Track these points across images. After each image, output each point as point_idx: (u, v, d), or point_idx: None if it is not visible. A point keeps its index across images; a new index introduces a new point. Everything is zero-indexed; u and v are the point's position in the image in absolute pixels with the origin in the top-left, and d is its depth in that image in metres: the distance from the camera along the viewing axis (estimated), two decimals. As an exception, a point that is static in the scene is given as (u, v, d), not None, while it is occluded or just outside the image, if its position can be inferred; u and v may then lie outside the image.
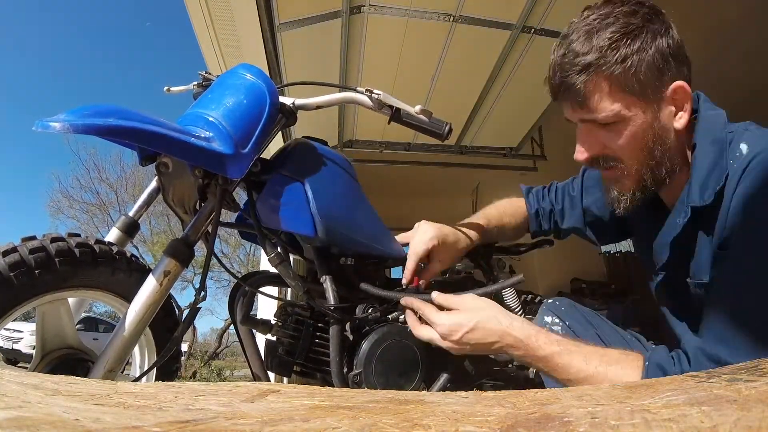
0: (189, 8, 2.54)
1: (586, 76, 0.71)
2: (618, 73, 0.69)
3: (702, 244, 0.73)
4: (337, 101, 1.09)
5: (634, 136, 0.73)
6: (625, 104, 0.71)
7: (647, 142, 0.73)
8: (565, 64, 0.73)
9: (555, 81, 0.76)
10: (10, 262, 0.87)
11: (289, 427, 0.32)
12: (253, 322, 1.05)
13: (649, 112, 0.72)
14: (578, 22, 0.74)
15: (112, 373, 0.85)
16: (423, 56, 3.02)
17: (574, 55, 0.72)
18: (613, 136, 0.74)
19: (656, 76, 0.70)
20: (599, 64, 0.70)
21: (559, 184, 1.19)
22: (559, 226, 1.17)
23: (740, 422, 0.27)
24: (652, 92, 0.71)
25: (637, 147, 0.74)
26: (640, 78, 0.70)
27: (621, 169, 0.77)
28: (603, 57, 0.69)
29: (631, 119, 0.72)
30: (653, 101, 0.72)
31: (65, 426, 0.29)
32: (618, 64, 0.69)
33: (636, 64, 0.69)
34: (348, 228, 1.02)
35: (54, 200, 15.30)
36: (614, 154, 0.76)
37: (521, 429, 0.30)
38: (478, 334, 0.80)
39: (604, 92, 0.71)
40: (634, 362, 0.71)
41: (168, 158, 0.93)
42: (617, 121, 0.72)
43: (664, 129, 0.73)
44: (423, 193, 5.58)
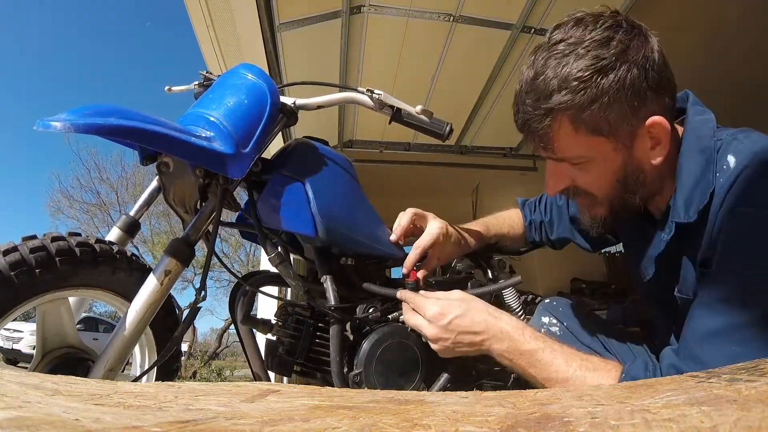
0: (189, 8, 2.54)
1: (550, 120, 0.66)
2: (585, 116, 0.64)
3: (687, 260, 0.73)
4: (338, 101, 1.09)
5: (604, 174, 0.70)
6: (593, 145, 0.67)
7: (618, 176, 0.70)
8: (527, 105, 0.68)
9: (518, 120, 0.72)
10: (11, 261, 0.87)
11: (289, 427, 0.32)
12: (253, 321, 1.05)
13: (620, 150, 0.67)
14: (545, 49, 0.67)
15: (113, 372, 0.85)
16: (423, 56, 3.02)
17: (537, 95, 0.66)
18: (582, 173, 0.71)
19: (630, 113, 0.65)
20: (566, 106, 0.64)
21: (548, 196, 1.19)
22: (550, 237, 1.18)
23: (740, 422, 0.27)
24: (624, 131, 0.66)
25: (607, 183, 0.71)
26: (610, 120, 0.64)
27: (591, 199, 0.75)
28: (569, 99, 0.63)
29: (599, 158, 0.68)
30: (626, 139, 0.67)
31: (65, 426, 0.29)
32: (585, 108, 0.63)
33: (606, 107, 0.63)
34: (348, 228, 1.02)
35: (54, 200, 15.32)
36: (584, 188, 0.74)
37: (521, 429, 0.30)
38: (465, 321, 0.81)
39: (570, 135, 0.66)
40: (612, 372, 0.72)
41: (169, 158, 0.94)
42: (585, 161, 0.69)
43: (639, 164, 0.69)
44: (423, 193, 5.58)
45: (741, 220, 0.62)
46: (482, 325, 0.80)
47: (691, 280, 0.72)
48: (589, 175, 0.70)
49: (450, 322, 0.81)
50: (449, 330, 0.81)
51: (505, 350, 0.78)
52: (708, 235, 0.65)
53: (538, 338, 0.77)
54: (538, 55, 0.68)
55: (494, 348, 0.79)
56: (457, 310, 0.82)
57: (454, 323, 0.81)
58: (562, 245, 1.20)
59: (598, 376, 0.71)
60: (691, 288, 0.72)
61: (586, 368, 0.72)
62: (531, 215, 1.21)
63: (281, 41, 2.66)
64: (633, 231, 0.89)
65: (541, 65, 0.66)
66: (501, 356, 0.79)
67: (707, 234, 0.66)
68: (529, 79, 0.67)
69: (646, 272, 0.82)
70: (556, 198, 1.15)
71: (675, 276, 0.76)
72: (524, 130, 0.72)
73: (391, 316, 1.04)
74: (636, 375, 0.70)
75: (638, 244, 0.85)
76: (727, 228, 0.63)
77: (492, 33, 2.82)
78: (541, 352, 0.75)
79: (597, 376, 0.71)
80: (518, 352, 0.77)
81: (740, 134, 0.68)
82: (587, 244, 1.10)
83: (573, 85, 0.62)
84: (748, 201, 0.62)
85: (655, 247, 0.77)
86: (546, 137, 0.68)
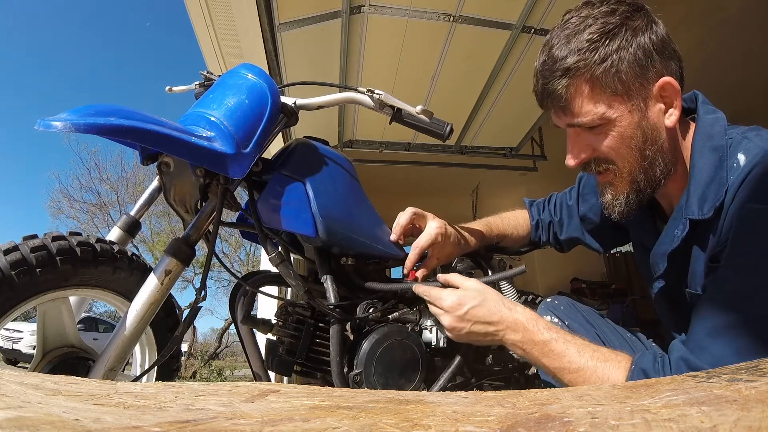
0: (189, 8, 2.54)
1: (566, 80, 0.70)
2: (598, 75, 0.68)
3: (697, 255, 0.74)
4: (339, 101, 1.09)
5: (622, 137, 0.71)
6: (609, 105, 0.70)
7: (637, 141, 0.72)
8: (545, 70, 0.73)
9: (538, 88, 0.76)
10: (12, 260, 0.87)
11: (289, 427, 0.32)
12: (253, 321, 1.05)
13: (635, 112, 0.70)
14: (558, 27, 0.74)
15: (113, 372, 0.85)
16: (423, 56, 3.02)
17: (554, 60, 0.71)
18: (601, 138, 0.73)
19: (639, 73, 0.69)
20: (578, 67, 0.69)
21: (558, 195, 1.19)
22: (558, 237, 1.17)
23: (740, 422, 0.27)
24: (637, 91, 0.70)
25: (626, 148, 0.72)
26: (622, 77, 0.68)
27: (613, 172, 0.75)
28: (582, 59, 0.69)
29: (617, 120, 0.70)
30: (639, 100, 0.70)
31: (65, 426, 0.29)
32: (597, 65, 0.68)
33: (617, 64, 0.68)
34: (348, 228, 1.02)
35: (54, 200, 15.30)
36: (604, 156, 0.74)
37: (521, 429, 0.30)
38: (482, 311, 0.82)
39: (586, 95, 0.70)
40: (622, 363, 0.73)
41: (169, 158, 0.94)
42: (603, 124, 0.71)
43: (654, 127, 0.72)
44: (423, 193, 5.58)
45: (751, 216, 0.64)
46: (497, 315, 0.82)
47: (700, 274, 0.73)
48: (608, 140, 0.72)
49: (467, 312, 0.83)
50: (465, 320, 0.83)
51: (519, 341, 0.80)
52: (718, 231, 0.67)
53: (551, 329, 0.79)
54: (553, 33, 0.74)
55: (508, 338, 0.81)
56: (473, 300, 0.84)
57: (470, 313, 0.83)
58: (570, 247, 1.19)
59: (609, 367, 0.72)
60: (700, 283, 0.73)
61: (597, 359, 0.73)
62: (539, 215, 1.20)
63: (281, 41, 2.66)
64: (644, 227, 0.89)
65: (556, 37, 0.72)
66: (514, 346, 0.81)
67: (717, 230, 0.67)
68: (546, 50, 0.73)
69: (657, 268, 0.82)
70: (566, 198, 1.15)
71: (685, 272, 0.77)
72: (544, 97, 0.75)
73: (391, 316, 1.04)
74: (645, 367, 0.71)
75: (649, 240, 0.85)
76: (736, 224, 0.65)
77: (492, 33, 2.82)
78: (554, 342, 0.77)
79: (608, 367, 0.72)
80: (532, 343, 0.78)
81: (750, 132, 0.69)
82: (597, 244, 1.10)
83: (585, 46, 0.68)
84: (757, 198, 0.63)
85: (667, 242, 0.78)
86: (563, 99, 0.71)
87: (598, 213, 1.05)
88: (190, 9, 2.55)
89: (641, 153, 0.72)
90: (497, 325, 0.81)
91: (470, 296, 0.85)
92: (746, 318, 0.64)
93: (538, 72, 0.75)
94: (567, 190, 1.16)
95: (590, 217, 1.07)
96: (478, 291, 0.86)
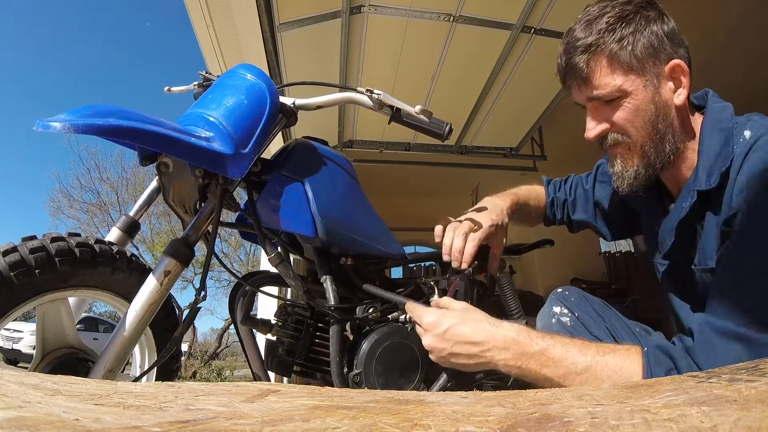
0: (189, 8, 2.54)
1: (587, 55, 0.78)
2: (616, 51, 0.76)
3: (708, 227, 0.74)
4: (338, 101, 1.09)
5: (637, 109, 0.77)
6: (625, 79, 0.77)
7: (650, 115, 0.77)
8: (569, 48, 0.81)
9: (561, 64, 0.83)
10: (11, 261, 0.87)
11: (289, 427, 0.32)
12: (253, 321, 1.05)
13: (649, 87, 0.77)
14: (580, 16, 0.83)
15: (113, 372, 0.85)
16: (423, 56, 3.02)
17: (576, 40, 0.80)
18: (618, 111, 0.79)
19: (652, 53, 0.77)
20: (598, 44, 0.77)
21: (575, 177, 1.19)
22: (571, 217, 1.17)
23: (740, 422, 0.27)
24: (650, 68, 0.77)
25: (640, 120, 0.78)
26: (637, 54, 0.76)
27: (627, 144, 0.80)
28: (601, 38, 0.77)
29: (632, 93, 0.77)
30: (652, 77, 0.77)
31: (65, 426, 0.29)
32: (615, 43, 0.76)
33: (632, 43, 0.76)
34: (348, 228, 1.02)
35: (54, 200, 15.28)
36: (620, 128, 0.80)
37: (521, 429, 0.30)
38: (464, 330, 0.78)
39: (605, 68, 0.77)
40: (631, 350, 0.70)
41: (168, 158, 0.94)
42: (620, 96, 0.78)
43: (665, 104, 0.78)
44: (423, 193, 5.58)
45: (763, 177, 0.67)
46: (482, 335, 0.76)
47: (710, 248, 0.73)
48: (624, 112, 0.78)
49: (446, 330, 0.79)
50: (446, 339, 0.78)
51: (511, 358, 0.74)
52: (729, 195, 0.70)
53: (545, 337, 0.75)
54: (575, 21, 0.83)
55: (498, 359, 0.75)
56: (453, 319, 0.80)
57: (450, 332, 0.78)
58: (579, 229, 1.19)
59: (619, 357, 0.69)
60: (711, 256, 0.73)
61: (603, 352, 0.70)
62: (555, 193, 1.20)
63: (281, 41, 2.66)
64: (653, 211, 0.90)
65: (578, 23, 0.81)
66: (507, 366, 0.74)
67: (727, 194, 0.70)
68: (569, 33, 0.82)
69: (665, 244, 0.83)
70: (582, 181, 1.15)
71: (692, 250, 0.77)
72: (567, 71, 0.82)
73: (391, 316, 1.04)
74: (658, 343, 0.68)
75: (658, 219, 0.87)
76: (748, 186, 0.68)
77: (492, 33, 2.82)
78: (551, 349, 0.72)
79: (617, 357, 0.69)
80: (527, 356, 0.73)
81: (755, 116, 0.76)
82: (607, 230, 1.10)
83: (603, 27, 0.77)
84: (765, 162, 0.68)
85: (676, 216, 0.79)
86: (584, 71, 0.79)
87: (611, 201, 1.05)
88: (190, 9, 2.54)
89: (653, 126, 0.78)
90: (482, 345, 0.76)
91: (450, 314, 0.81)
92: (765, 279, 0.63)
93: (561, 52, 0.83)
94: (584, 174, 1.16)
95: (604, 203, 1.07)
96: (461, 310, 0.82)
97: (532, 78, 3.20)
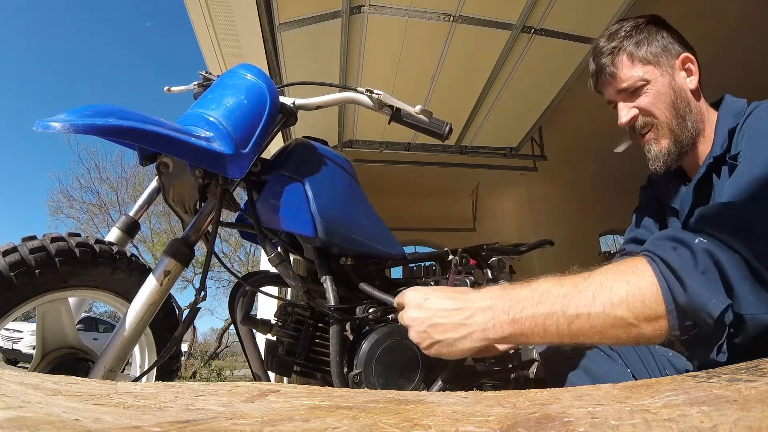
0: (189, 8, 2.54)
1: (611, 56, 0.94)
2: (634, 50, 0.92)
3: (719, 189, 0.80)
4: (338, 101, 1.09)
5: (659, 93, 0.91)
6: (645, 70, 0.91)
7: (670, 97, 0.90)
8: (596, 54, 0.97)
9: (592, 69, 0.99)
10: (11, 261, 0.87)
11: (289, 427, 0.32)
12: (253, 321, 1.05)
13: (666, 75, 0.91)
14: (604, 32, 0.99)
15: (113, 372, 0.85)
16: (423, 56, 3.02)
17: (602, 47, 0.96)
18: (643, 98, 0.92)
19: (664, 50, 0.92)
20: (619, 47, 0.93)
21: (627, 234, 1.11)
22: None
23: (740, 422, 0.27)
24: (665, 61, 0.92)
25: (663, 102, 0.91)
26: (652, 50, 0.92)
27: (655, 126, 0.91)
28: (621, 42, 0.93)
29: (652, 81, 0.91)
30: (667, 67, 0.92)
31: (65, 426, 0.29)
32: (633, 45, 0.92)
33: (647, 44, 0.92)
34: (348, 228, 1.02)
35: (54, 200, 15.27)
36: (647, 111, 0.92)
37: (521, 429, 0.30)
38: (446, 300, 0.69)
39: (627, 64, 0.93)
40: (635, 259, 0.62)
41: (168, 158, 0.94)
42: (642, 85, 0.91)
43: (681, 89, 0.92)
44: (423, 193, 5.58)
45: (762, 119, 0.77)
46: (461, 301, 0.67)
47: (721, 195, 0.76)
48: (648, 98, 0.91)
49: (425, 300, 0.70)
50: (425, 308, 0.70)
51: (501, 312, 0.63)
52: (736, 140, 0.79)
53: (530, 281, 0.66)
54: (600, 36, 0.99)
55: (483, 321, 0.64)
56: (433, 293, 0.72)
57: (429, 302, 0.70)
58: None
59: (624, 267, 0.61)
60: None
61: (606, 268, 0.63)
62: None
63: (281, 41, 2.66)
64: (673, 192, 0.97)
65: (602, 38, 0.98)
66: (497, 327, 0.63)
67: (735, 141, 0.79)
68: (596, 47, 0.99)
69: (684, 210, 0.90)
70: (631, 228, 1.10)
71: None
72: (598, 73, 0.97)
73: (391, 316, 1.04)
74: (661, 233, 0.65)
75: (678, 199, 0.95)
76: (749, 125, 0.77)
77: (492, 33, 2.82)
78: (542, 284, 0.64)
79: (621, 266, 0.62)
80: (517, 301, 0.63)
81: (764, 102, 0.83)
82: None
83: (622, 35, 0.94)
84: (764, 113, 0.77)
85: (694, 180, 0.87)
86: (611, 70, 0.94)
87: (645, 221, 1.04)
88: (190, 9, 2.55)
89: (675, 107, 0.90)
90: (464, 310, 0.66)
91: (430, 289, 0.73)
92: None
93: (590, 60, 1.00)
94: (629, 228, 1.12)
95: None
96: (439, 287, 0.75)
97: (532, 78, 3.20)
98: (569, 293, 0.61)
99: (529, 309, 0.62)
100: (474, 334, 0.65)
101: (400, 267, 1.12)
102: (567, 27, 2.78)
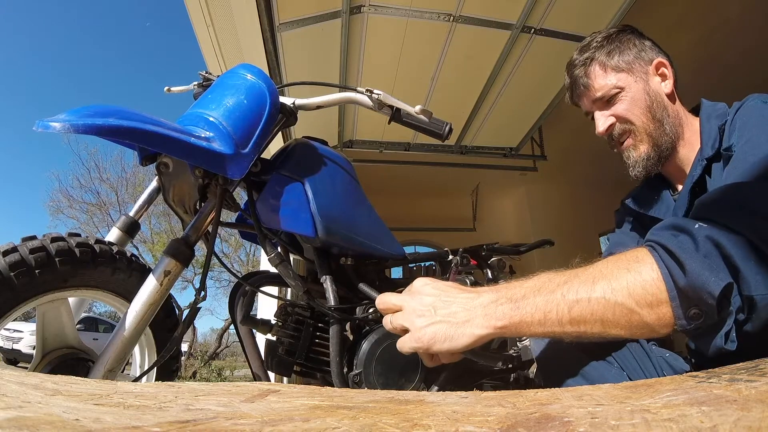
0: (189, 8, 2.54)
1: (585, 68, 0.95)
2: (606, 60, 0.93)
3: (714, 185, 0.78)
4: (338, 101, 1.09)
5: (634, 100, 0.91)
6: (618, 78, 0.92)
7: (645, 103, 0.90)
8: (570, 67, 0.98)
9: (567, 82, 1.00)
10: (11, 261, 0.87)
11: (289, 427, 0.32)
12: (253, 321, 1.05)
13: (639, 81, 0.91)
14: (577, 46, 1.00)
15: (112, 372, 0.85)
16: (423, 56, 3.02)
17: (575, 60, 0.98)
18: (618, 105, 0.92)
19: (637, 57, 0.92)
20: (592, 57, 0.94)
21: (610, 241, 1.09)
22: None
23: (740, 422, 0.27)
24: (637, 67, 0.92)
25: (638, 108, 0.91)
26: (624, 58, 0.92)
27: (633, 133, 0.91)
28: (593, 53, 0.95)
29: (626, 88, 0.91)
30: (640, 73, 0.92)
31: (65, 426, 0.29)
32: (605, 55, 0.93)
33: (619, 53, 0.93)
34: (348, 228, 1.02)
35: (54, 200, 15.25)
36: (623, 118, 0.91)
37: (521, 429, 0.30)
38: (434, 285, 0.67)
39: (600, 74, 0.93)
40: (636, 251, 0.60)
41: (168, 158, 0.94)
42: (617, 92, 0.91)
43: (657, 93, 0.91)
44: (423, 193, 5.58)
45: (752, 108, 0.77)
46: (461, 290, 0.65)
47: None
48: (624, 105, 0.91)
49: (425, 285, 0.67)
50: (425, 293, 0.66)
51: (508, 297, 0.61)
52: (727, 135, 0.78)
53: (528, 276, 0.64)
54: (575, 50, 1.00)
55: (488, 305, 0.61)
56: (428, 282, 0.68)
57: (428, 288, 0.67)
58: None
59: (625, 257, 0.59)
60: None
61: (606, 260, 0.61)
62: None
63: (281, 41, 2.66)
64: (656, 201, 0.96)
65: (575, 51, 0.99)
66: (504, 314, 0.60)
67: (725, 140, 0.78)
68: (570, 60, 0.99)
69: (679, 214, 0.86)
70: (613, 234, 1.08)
71: None
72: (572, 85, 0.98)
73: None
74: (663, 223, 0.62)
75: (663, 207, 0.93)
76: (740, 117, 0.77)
77: (492, 33, 2.82)
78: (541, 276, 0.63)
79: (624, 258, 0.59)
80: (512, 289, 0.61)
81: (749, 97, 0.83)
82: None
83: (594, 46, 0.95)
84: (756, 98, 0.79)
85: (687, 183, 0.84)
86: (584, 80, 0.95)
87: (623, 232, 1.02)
88: (190, 9, 2.55)
89: (651, 111, 0.90)
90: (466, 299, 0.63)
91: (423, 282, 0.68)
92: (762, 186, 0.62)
93: (566, 75, 1.00)
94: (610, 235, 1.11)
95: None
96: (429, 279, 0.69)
97: (532, 78, 3.20)
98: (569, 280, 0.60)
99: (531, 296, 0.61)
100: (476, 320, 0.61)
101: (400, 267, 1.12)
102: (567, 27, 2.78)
